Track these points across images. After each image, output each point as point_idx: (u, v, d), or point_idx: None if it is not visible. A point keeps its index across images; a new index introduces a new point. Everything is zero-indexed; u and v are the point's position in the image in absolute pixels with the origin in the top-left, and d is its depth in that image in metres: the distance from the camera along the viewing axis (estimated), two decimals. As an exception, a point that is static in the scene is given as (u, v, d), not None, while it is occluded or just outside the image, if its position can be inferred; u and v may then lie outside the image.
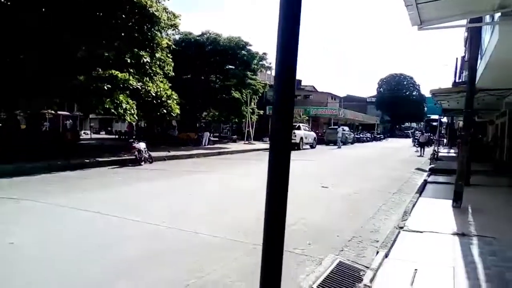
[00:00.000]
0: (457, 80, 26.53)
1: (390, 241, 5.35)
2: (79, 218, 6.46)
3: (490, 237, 5.68)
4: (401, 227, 6.21)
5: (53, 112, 23.96)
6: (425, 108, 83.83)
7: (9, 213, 6.85)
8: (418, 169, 16.47)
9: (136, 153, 14.91)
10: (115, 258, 4.68)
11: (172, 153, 18.96)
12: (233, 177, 12.55)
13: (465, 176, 8.32)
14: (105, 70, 14.41)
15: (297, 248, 5.08)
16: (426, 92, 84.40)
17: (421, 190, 10.18)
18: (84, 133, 38.62)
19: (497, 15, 5.98)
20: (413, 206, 7.96)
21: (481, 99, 12.62)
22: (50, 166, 12.54)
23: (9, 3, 13.58)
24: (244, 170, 14.81)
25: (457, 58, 29.61)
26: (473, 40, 7.83)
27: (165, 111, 18.07)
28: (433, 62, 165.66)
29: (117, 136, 35.62)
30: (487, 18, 7.65)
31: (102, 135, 43.27)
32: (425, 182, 11.86)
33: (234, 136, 37.11)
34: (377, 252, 4.87)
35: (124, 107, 14.60)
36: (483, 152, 18.26)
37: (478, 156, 16.01)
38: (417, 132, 51.62)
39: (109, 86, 13.91)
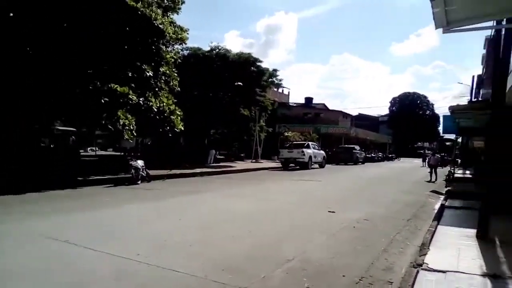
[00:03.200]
0: (473, 99, 25.49)
1: (407, 285, 4.34)
2: (39, 248, 5.60)
3: (529, 280, 4.64)
4: (420, 265, 5.19)
5: (59, 128, 23.39)
6: (439, 127, 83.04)
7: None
8: (434, 191, 15.34)
9: (133, 171, 14.11)
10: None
11: (173, 171, 18.17)
12: (231, 199, 11.58)
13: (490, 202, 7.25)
14: (103, 83, 13.71)
15: (291, 294, 4.11)
16: (439, 111, 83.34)
17: (439, 217, 9.11)
18: (90, 149, 38.05)
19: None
20: (432, 236, 6.92)
21: None
22: (38, 184, 11.79)
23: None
24: (243, 191, 13.82)
25: (473, 76, 28.62)
26: (505, 46, 6.83)
27: (168, 127, 17.31)
28: (448, 80, 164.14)
29: (122, 154, 34.93)
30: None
31: (109, 152, 42.69)
32: (443, 207, 10.78)
33: (241, 154, 36.26)
34: (392, 303, 3.88)
35: (122, 122, 13.85)
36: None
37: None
38: (427, 152, 49.81)
39: (106, 99, 13.19)
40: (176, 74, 18.01)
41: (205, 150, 28.18)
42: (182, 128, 17.92)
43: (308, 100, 64.75)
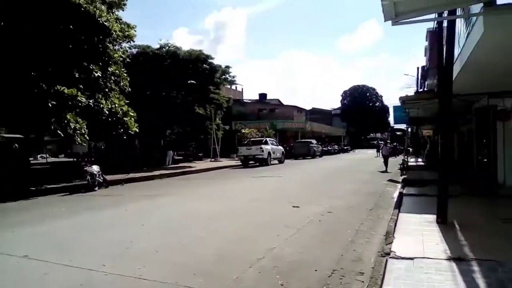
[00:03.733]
0: (419, 90, 26.61)
1: (379, 275, 4.41)
2: (-2, 266, 5.21)
3: (492, 260, 4.85)
4: (387, 253, 5.30)
5: (4, 135, 22.12)
6: (389, 118, 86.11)
7: None
8: (391, 180, 15.85)
9: (89, 177, 13.56)
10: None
11: (132, 175, 17.70)
12: (194, 200, 11.42)
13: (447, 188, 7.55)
14: (49, 85, 13.03)
15: (267, 292, 4.06)
16: (387, 102, 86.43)
17: (399, 205, 9.39)
18: (40, 157, 36.33)
19: (479, 6, 5.28)
20: (395, 224, 7.11)
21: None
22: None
23: None
24: (206, 192, 13.68)
25: (418, 68, 29.91)
26: (448, 37, 7.11)
27: (122, 129, 16.75)
28: (393, 72, 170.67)
29: (75, 159, 33.61)
30: (458, 12, 7.01)
31: (61, 158, 40.91)
32: (401, 195, 11.13)
33: (200, 154, 35.90)
34: (367, 294, 3.91)
35: (72, 126, 13.24)
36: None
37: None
38: (381, 142, 51.47)
39: (54, 102, 12.56)
40: (126, 74, 17.45)
41: (162, 152, 27.66)
42: (137, 130, 17.41)
43: (262, 96, 64.94)
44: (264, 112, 55.85)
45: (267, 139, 30.49)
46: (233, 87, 50.29)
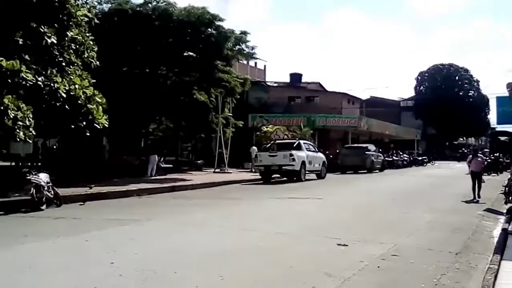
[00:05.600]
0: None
1: None
2: None
3: None
4: (483, 322, 5.26)
5: None
6: (489, 116, 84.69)
7: None
8: (489, 210, 15.68)
9: (33, 191, 13.78)
10: None
11: (96, 189, 17.91)
12: (188, 230, 11.52)
13: None
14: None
15: None
16: (488, 91, 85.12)
17: (501, 248, 9.29)
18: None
19: None
20: (495, 278, 7.03)
21: None
22: None
23: None
24: (207, 217, 13.71)
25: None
26: None
27: (84, 122, 16.92)
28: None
29: (14, 163, 34.19)
30: None
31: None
32: (505, 234, 10.99)
33: (198, 161, 36.13)
34: None
35: (12, 115, 13.48)
36: None
37: None
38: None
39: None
40: (92, 42, 17.71)
41: (143, 156, 27.99)
42: (106, 123, 17.59)
43: (296, 77, 64.77)
44: (297, 102, 56.00)
45: (301, 142, 30.51)
46: (252, 63, 50.58)
